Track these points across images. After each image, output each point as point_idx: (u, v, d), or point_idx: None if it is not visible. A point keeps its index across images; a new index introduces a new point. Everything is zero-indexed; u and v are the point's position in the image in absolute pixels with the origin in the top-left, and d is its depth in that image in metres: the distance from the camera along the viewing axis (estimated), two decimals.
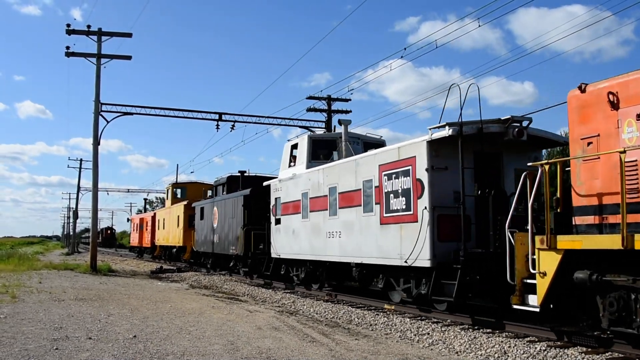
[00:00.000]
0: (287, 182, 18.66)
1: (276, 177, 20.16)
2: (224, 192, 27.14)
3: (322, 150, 18.27)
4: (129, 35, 28.20)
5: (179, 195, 39.76)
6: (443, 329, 10.81)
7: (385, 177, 13.25)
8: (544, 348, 8.85)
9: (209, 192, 36.09)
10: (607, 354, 8.46)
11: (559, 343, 9.29)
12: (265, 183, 21.18)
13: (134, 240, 55.61)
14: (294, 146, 18.88)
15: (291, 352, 8.67)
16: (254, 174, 27.25)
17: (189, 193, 38.24)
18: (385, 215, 13.24)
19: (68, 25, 26.99)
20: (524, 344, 9.24)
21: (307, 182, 17.22)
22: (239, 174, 26.63)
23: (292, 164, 18.81)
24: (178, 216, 36.31)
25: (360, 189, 14.31)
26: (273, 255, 19.71)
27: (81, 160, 65.39)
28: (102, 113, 28.06)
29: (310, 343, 9.50)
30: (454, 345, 9.59)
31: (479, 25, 18.69)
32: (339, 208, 15.31)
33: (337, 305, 14.70)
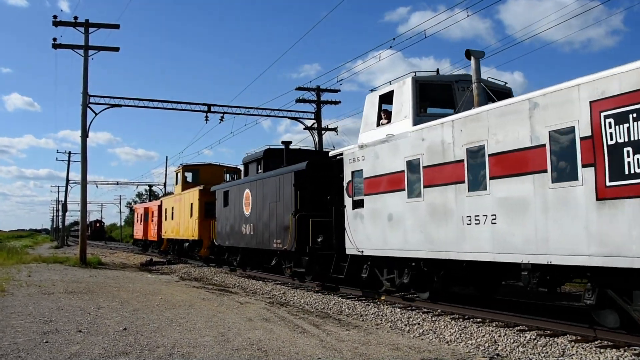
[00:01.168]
0: (375, 148, 13.22)
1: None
2: (260, 170, 21.15)
3: (426, 102, 12.86)
4: (117, 26, 27.77)
5: (190, 180, 32.93)
6: (433, 319, 10.79)
7: (610, 120, 7.92)
8: (533, 337, 8.83)
9: (227, 176, 31.24)
10: (596, 342, 8.37)
11: (548, 332, 9.16)
12: (332, 152, 15.71)
13: (138, 232, 47.89)
14: (385, 97, 13.39)
15: (282, 343, 8.59)
16: (297, 147, 21.26)
17: (203, 176, 31.55)
18: (610, 183, 7.91)
19: (55, 16, 26.47)
20: (514, 333, 9.24)
21: (417, 144, 11.83)
22: (283, 147, 20.46)
23: (383, 121, 13.36)
24: (191, 204, 29.79)
25: (543, 145, 8.97)
26: (350, 251, 14.21)
27: (70, 153, 61.64)
28: (90, 105, 27.53)
29: (301, 334, 9.48)
30: (445, 335, 9.55)
31: (468, 15, 17.87)
32: (491, 178, 9.96)
33: (328, 296, 14.55)
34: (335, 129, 32.81)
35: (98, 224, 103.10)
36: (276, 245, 18.64)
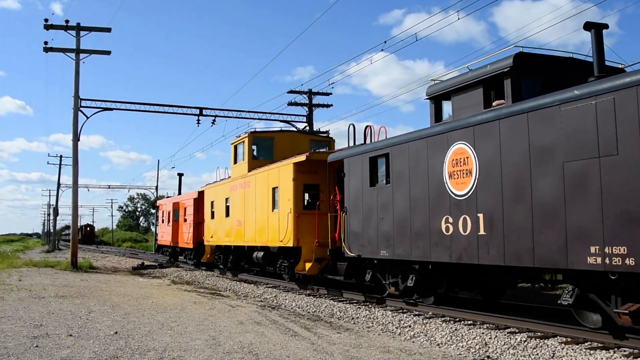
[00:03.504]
0: None
1: None
2: (506, 100, 10.09)
3: None
4: (108, 30, 27.90)
5: (256, 154, 21.68)
6: (425, 322, 10.86)
7: None
8: (524, 339, 8.90)
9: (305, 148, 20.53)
10: (586, 344, 8.50)
11: (539, 334, 9.28)
12: None
13: (164, 236, 35.97)
14: None
15: (273, 347, 8.62)
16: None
17: (279, 149, 20.70)
18: None
19: (46, 20, 26.82)
20: (505, 335, 9.31)
21: None
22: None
23: None
24: (273, 189, 18.44)
25: None
26: None
27: (61, 156, 62.60)
28: (81, 109, 27.70)
29: (292, 337, 9.50)
30: (436, 337, 9.63)
31: (458, 18, 17.69)
32: None
33: (319, 299, 14.52)
34: (327, 132, 33.01)
35: (88, 228, 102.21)
36: (617, 262, 7.74)
